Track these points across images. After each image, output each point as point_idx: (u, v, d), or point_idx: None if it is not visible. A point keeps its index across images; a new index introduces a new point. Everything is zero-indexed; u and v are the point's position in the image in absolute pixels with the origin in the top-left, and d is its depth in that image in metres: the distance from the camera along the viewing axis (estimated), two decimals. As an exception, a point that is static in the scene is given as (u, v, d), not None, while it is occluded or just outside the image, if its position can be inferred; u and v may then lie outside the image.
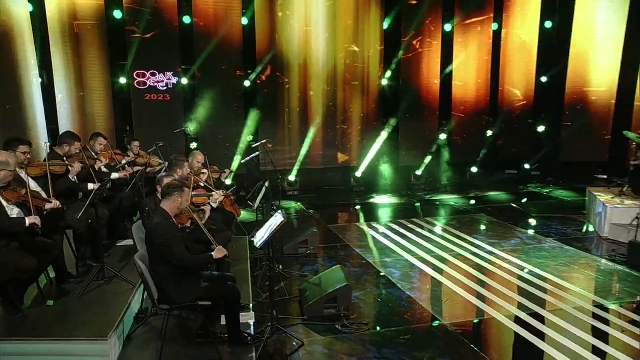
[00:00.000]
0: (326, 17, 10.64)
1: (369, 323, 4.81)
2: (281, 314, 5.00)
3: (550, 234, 7.90)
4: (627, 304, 5.23)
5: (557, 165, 11.62)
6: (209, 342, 3.77)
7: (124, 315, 4.01)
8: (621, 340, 4.51)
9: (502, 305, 5.24)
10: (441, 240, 7.59)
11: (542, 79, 11.55)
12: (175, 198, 3.66)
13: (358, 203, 10.30)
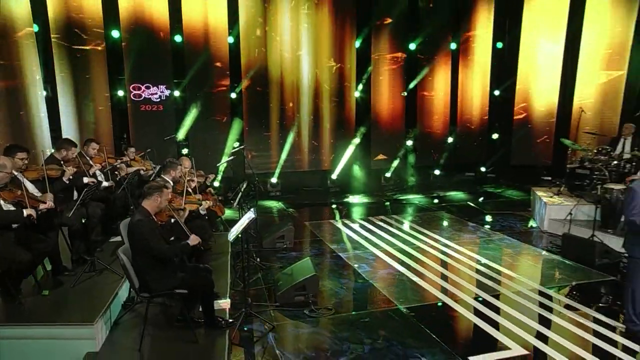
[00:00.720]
0: (306, 35, 10.63)
1: (333, 308, 4.86)
2: (257, 301, 5.05)
3: (499, 228, 8.02)
4: (562, 288, 5.43)
5: (508, 168, 11.72)
6: (187, 326, 3.78)
7: (111, 303, 4.01)
8: (556, 321, 4.64)
9: (452, 291, 5.34)
10: (404, 234, 7.64)
11: (495, 92, 11.71)
12: (155, 197, 3.68)
13: (333, 202, 10.24)
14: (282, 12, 10.43)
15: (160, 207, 3.76)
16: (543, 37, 10.82)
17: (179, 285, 3.60)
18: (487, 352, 4.01)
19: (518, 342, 4.17)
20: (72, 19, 9.02)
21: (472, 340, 4.36)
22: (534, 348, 4.09)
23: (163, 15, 9.60)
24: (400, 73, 11.37)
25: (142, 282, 3.59)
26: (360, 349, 4.08)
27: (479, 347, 4.12)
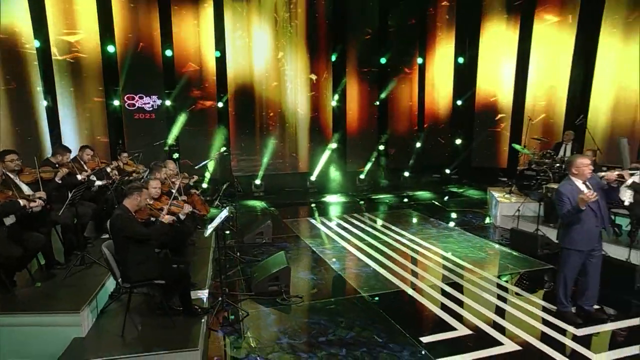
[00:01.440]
0: (288, 49, 10.72)
1: (303, 297, 4.94)
2: (235, 291, 5.13)
3: (458, 224, 8.20)
4: (507, 276, 5.59)
5: (469, 170, 11.89)
6: (166, 313, 3.83)
7: (98, 293, 4.02)
8: (499, 304, 4.80)
9: (411, 280, 5.47)
10: (374, 230, 7.73)
11: (458, 102, 11.89)
12: (135, 197, 3.72)
13: (312, 201, 10.27)
14: (265, 29, 10.50)
15: (140, 205, 3.79)
16: (498, 54, 11.06)
17: (158, 276, 3.64)
18: (437, 333, 4.14)
19: (464, 323, 4.32)
20: (70, 35, 9.01)
21: (424, 323, 4.47)
22: (476, 328, 4.24)
23: (155, 31, 9.63)
24: (372, 84, 11.47)
25: (123, 274, 3.62)
26: (324, 333, 4.17)
27: (430, 329, 4.26)
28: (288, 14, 10.58)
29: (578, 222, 4.12)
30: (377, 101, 11.54)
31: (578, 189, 4.11)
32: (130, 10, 9.43)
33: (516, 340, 4.01)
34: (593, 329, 4.22)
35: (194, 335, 3.60)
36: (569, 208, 4.05)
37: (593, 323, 4.31)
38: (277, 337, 4.08)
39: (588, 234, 4.15)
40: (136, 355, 3.35)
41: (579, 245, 4.18)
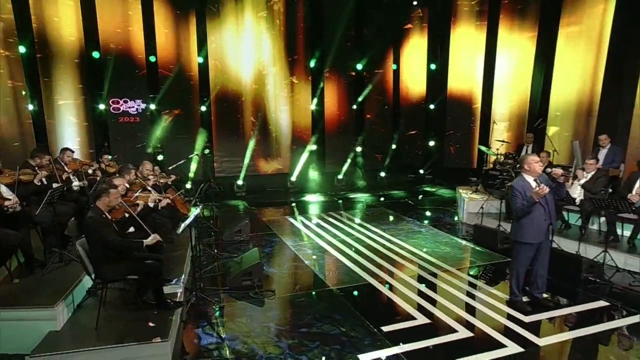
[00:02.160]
0: (268, 54, 10.76)
1: (275, 290, 5.02)
2: (210, 285, 5.19)
3: (428, 220, 8.36)
4: (467, 268, 5.77)
5: (442, 170, 12.07)
6: (140, 307, 3.89)
7: (74, 289, 4.06)
8: (457, 295, 4.95)
9: (378, 273, 5.58)
10: (347, 227, 7.83)
11: (430, 106, 12.09)
12: (104, 198, 3.76)
13: (292, 201, 10.29)
14: (246, 35, 10.55)
15: (111, 205, 3.83)
16: (467, 60, 11.29)
17: (130, 273, 3.70)
18: (397, 323, 4.26)
19: (423, 313, 4.46)
20: (55, 40, 8.94)
21: (386, 314, 4.56)
22: (434, 317, 4.38)
23: (139, 37, 9.61)
24: (350, 89, 11.57)
25: (97, 270, 3.67)
26: (293, 324, 4.27)
27: (391, 319, 4.36)
28: (268, 20, 10.63)
29: (528, 217, 4.29)
30: (354, 105, 11.64)
31: (529, 184, 4.29)
32: (114, 16, 9.39)
33: (469, 327, 4.17)
34: (541, 316, 4.40)
35: (164, 327, 3.66)
36: (522, 202, 4.23)
37: (541, 310, 4.49)
38: (248, 329, 4.16)
39: (537, 228, 4.32)
40: (108, 347, 3.40)
41: (529, 238, 4.35)
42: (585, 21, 8.65)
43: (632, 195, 5.81)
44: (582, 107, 8.80)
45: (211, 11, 10.12)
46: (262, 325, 4.24)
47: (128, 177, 5.48)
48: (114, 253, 3.66)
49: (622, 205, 5.58)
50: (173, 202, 6.56)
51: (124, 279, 3.69)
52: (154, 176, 6.21)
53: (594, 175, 6.45)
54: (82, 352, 3.36)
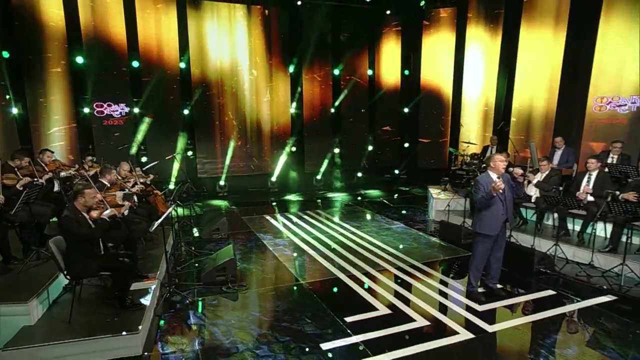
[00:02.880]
0: (248, 60, 10.81)
1: (247, 285, 5.09)
2: (186, 281, 5.21)
3: (399, 218, 8.48)
4: (431, 262, 5.92)
5: (416, 171, 12.30)
6: (114, 303, 3.93)
7: (49, 285, 4.07)
8: (420, 288, 5.09)
9: (348, 268, 5.69)
10: (322, 225, 7.94)
11: (405, 109, 12.33)
12: (79, 198, 3.79)
13: (272, 200, 10.35)
14: (227, 40, 10.58)
15: (87, 204, 3.86)
16: (437, 67, 11.55)
17: (103, 269, 3.74)
18: (360, 314, 4.38)
19: (385, 305, 4.59)
20: (41, 45, 8.85)
21: (351, 305, 4.65)
22: (395, 308, 4.51)
23: (122, 42, 9.56)
24: (328, 93, 11.69)
25: (71, 267, 3.69)
26: (262, 316, 4.36)
27: (355, 310, 4.46)
28: (248, 24, 10.69)
29: (488, 210, 4.48)
30: (332, 108, 11.76)
31: (492, 180, 4.47)
32: (99, 22, 9.34)
33: (427, 317, 4.31)
34: (493, 305, 4.57)
35: (135, 321, 3.71)
36: (483, 194, 4.43)
37: (494, 299, 4.67)
38: (219, 321, 4.23)
39: (495, 221, 4.50)
40: (79, 340, 3.44)
41: (487, 230, 4.53)
42: (543, 30, 8.95)
43: (580, 193, 6.08)
44: (541, 111, 9.10)
45: (193, 15, 10.11)
46: (233, 317, 4.31)
47: (109, 177, 5.48)
48: (89, 250, 3.69)
49: (570, 202, 5.84)
50: (154, 201, 6.61)
51: (96, 275, 3.72)
52: (133, 177, 6.21)
53: (548, 174, 6.72)
54: (54, 346, 3.40)
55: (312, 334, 3.99)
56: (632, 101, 7.43)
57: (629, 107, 7.48)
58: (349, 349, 3.72)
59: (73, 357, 3.44)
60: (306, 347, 3.76)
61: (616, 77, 7.68)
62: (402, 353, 3.64)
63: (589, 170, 6.25)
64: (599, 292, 4.91)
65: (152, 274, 4.69)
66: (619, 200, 5.56)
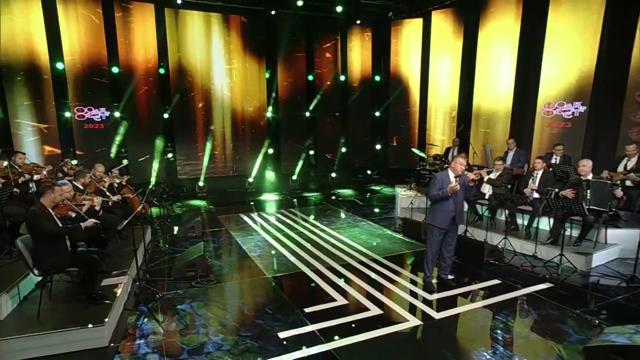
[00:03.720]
0: (224, 65, 10.82)
1: (215, 280, 5.17)
2: (158, 276, 5.26)
3: (367, 216, 8.64)
4: (391, 256, 6.11)
5: (387, 171, 12.49)
6: (82, 298, 3.97)
7: (19, 282, 4.08)
8: (378, 280, 5.27)
9: (313, 263, 5.82)
10: (293, 223, 8.05)
11: (376, 113, 12.55)
12: (48, 194, 3.81)
13: (249, 200, 10.39)
14: (205, 47, 10.61)
15: (55, 201, 3.88)
16: (405, 73, 11.81)
17: (71, 265, 3.78)
18: (319, 304, 4.52)
19: (344, 296, 4.75)
20: (21, 52, 8.73)
21: (311, 297, 4.81)
22: (353, 299, 4.67)
23: (102, 49, 9.50)
24: (302, 97, 11.80)
25: (39, 263, 3.73)
26: (226, 307, 4.46)
27: (315, 302, 4.60)
28: (225, 32, 10.74)
29: (440, 205, 4.72)
30: (307, 112, 11.88)
31: (449, 178, 4.71)
32: (77, 29, 9.25)
33: (380, 306, 4.49)
34: (443, 294, 4.78)
35: (102, 314, 3.77)
36: (437, 191, 4.67)
37: (445, 289, 4.89)
38: (185, 313, 4.31)
39: (445, 216, 4.75)
40: (45, 333, 3.49)
41: (438, 223, 4.78)
42: (499, 39, 9.30)
43: (526, 190, 6.39)
44: (499, 115, 9.45)
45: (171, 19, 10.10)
46: (199, 310, 4.40)
47: (83, 180, 5.49)
48: (56, 246, 3.72)
49: (517, 198, 6.13)
50: (130, 201, 6.62)
51: (65, 271, 3.76)
52: (108, 177, 6.22)
53: (500, 173, 7.02)
54: (20, 339, 3.43)
55: (271, 324, 4.11)
56: (575, 107, 7.82)
57: (573, 112, 7.87)
58: (304, 337, 3.86)
59: (40, 349, 3.48)
60: (264, 336, 3.89)
61: (562, 85, 8.07)
62: (352, 340, 3.79)
63: (535, 170, 6.57)
64: (539, 280, 5.18)
65: (120, 272, 4.73)
66: (559, 197, 5.88)
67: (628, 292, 4.81)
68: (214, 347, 3.69)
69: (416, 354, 3.64)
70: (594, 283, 5.11)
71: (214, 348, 3.68)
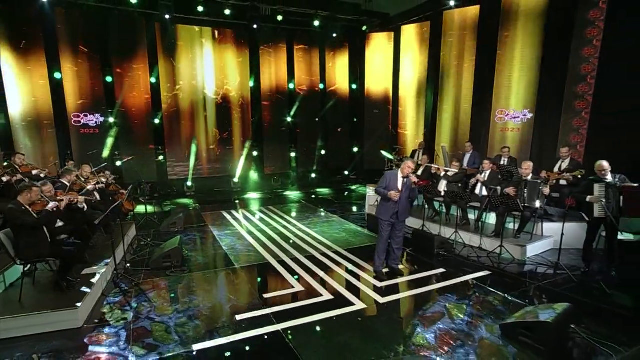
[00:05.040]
0: (215, 75, 11.04)
1: (188, 269, 5.37)
2: (137, 267, 5.44)
3: (339, 213, 8.85)
4: (353, 249, 6.34)
5: (363, 171, 12.71)
6: (61, 284, 4.18)
7: (5, 271, 4.29)
8: (335, 269, 5.49)
9: (280, 255, 6.04)
10: (270, 219, 8.24)
11: (354, 119, 12.81)
12: (25, 194, 4.02)
13: (234, 199, 10.56)
14: (195, 58, 10.80)
15: (32, 200, 4.08)
16: (378, 83, 12.07)
17: (50, 255, 4.00)
18: (278, 291, 4.76)
19: (301, 284, 4.98)
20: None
21: (272, 285, 5.05)
22: (309, 286, 4.91)
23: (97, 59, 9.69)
24: (284, 104, 11.96)
25: (22, 253, 3.93)
26: (194, 293, 4.68)
27: (274, 288, 4.84)
28: (212, 46, 10.94)
29: (385, 201, 5.02)
30: (288, 117, 12.06)
31: (395, 178, 4.99)
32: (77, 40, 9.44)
33: (332, 292, 4.72)
34: (391, 282, 5.03)
35: (77, 299, 3.98)
36: (383, 187, 4.95)
37: (394, 277, 5.15)
38: (156, 299, 4.52)
39: (387, 211, 5.03)
40: (24, 315, 3.70)
41: (382, 216, 5.07)
42: (459, 51, 9.61)
43: (472, 181, 6.68)
44: (459, 120, 9.76)
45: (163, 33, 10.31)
46: (169, 295, 4.63)
47: (69, 178, 5.69)
48: (36, 237, 3.93)
49: (466, 196, 6.41)
50: (118, 199, 6.79)
51: (45, 260, 3.97)
52: (94, 176, 6.41)
53: (456, 173, 7.31)
54: (1, 320, 3.64)
55: (233, 307, 4.34)
56: (524, 114, 8.13)
57: (522, 119, 8.18)
58: (259, 319, 4.09)
59: (19, 329, 3.68)
60: (223, 317, 4.12)
61: (512, 94, 8.38)
62: (301, 321, 4.02)
63: (484, 170, 6.87)
64: (480, 268, 5.45)
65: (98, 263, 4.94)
66: (504, 194, 6.17)
67: (553, 277, 5.11)
68: (175, 326, 3.92)
69: (354, 332, 3.87)
70: (526, 271, 5.40)
71: (175, 327, 3.90)
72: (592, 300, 4.46)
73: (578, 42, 6.94)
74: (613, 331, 3.79)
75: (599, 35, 6.60)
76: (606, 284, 4.78)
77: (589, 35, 6.79)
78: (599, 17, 6.59)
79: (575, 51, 6.98)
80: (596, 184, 4.85)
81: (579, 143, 6.95)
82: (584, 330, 3.78)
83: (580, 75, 7.00)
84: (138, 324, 3.99)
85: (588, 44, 6.84)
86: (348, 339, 3.73)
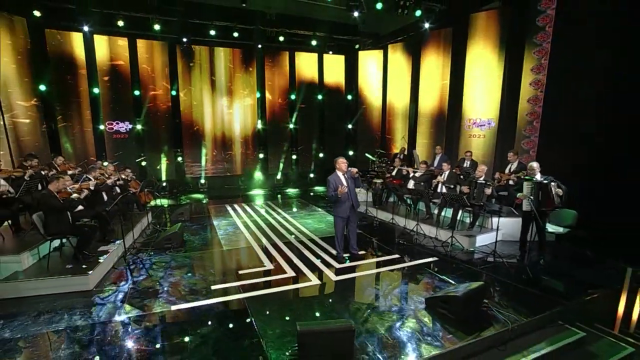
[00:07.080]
0: (225, 88, 11.69)
1: (184, 250, 5.96)
2: (145, 247, 6.06)
3: (324, 207, 9.20)
4: (324, 237, 6.72)
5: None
6: (79, 257, 4.91)
7: (39, 245, 5.03)
8: (306, 254, 5.91)
9: (262, 240, 6.53)
10: (264, 212, 8.71)
11: (349, 125, 13.14)
12: (55, 183, 4.76)
13: (240, 194, 11.08)
14: (209, 73, 11.53)
15: (59, 188, 4.82)
16: (370, 95, 12.39)
17: (72, 232, 4.73)
18: (251, 268, 5.27)
19: (273, 263, 5.47)
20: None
21: (249, 263, 5.51)
22: (278, 265, 5.40)
23: (126, 73, 10.57)
24: (286, 112, 12.40)
25: (49, 229, 4.67)
26: (182, 268, 5.27)
27: (249, 266, 5.33)
28: (225, 63, 11.61)
29: (340, 201, 5.32)
30: (290, 124, 12.55)
31: (339, 178, 5.32)
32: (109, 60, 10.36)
33: (296, 271, 5.19)
34: (348, 264, 5.41)
35: (89, 268, 4.67)
36: (332, 192, 5.25)
37: (352, 260, 5.54)
38: (153, 272, 5.14)
39: (345, 208, 5.36)
40: (46, 278, 4.41)
41: (340, 214, 5.40)
42: (436, 63, 9.86)
43: (434, 181, 6.99)
44: (436, 127, 10.00)
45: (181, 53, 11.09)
46: (161, 268, 5.24)
47: (94, 174, 6.45)
48: (60, 218, 4.65)
49: (427, 193, 6.75)
50: (137, 195, 7.54)
51: (66, 236, 4.71)
52: (115, 174, 7.17)
53: (423, 173, 7.63)
54: (32, 281, 4.37)
55: (210, 280, 4.88)
56: (489, 122, 8.31)
57: (487, 127, 8.36)
58: (229, 289, 4.64)
59: (45, 289, 4.40)
60: (201, 287, 4.69)
61: (479, 104, 8.57)
62: (264, 292, 4.54)
63: (443, 171, 7.17)
64: (430, 255, 5.78)
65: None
66: (460, 192, 6.47)
67: (491, 264, 5.39)
68: (163, 292, 4.53)
69: (304, 302, 4.34)
70: (470, 258, 5.69)
71: (163, 293, 4.51)
72: (511, 281, 4.74)
73: (530, 62, 7.16)
74: (517, 305, 4.10)
75: (546, 56, 6.81)
76: (532, 269, 5.04)
77: (538, 55, 7.01)
78: (546, 39, 6.79)
79: (526, 71, 7.20)
80: (525, 182, 5.11)
81: (531, 148, 7.12)
82: (493, 304, 4.11)
83: (531, 90, 7.18)
84: (135, 288, 4.63)
85: (537, 62, 7.05)
86: (296, 306, 4.21)
